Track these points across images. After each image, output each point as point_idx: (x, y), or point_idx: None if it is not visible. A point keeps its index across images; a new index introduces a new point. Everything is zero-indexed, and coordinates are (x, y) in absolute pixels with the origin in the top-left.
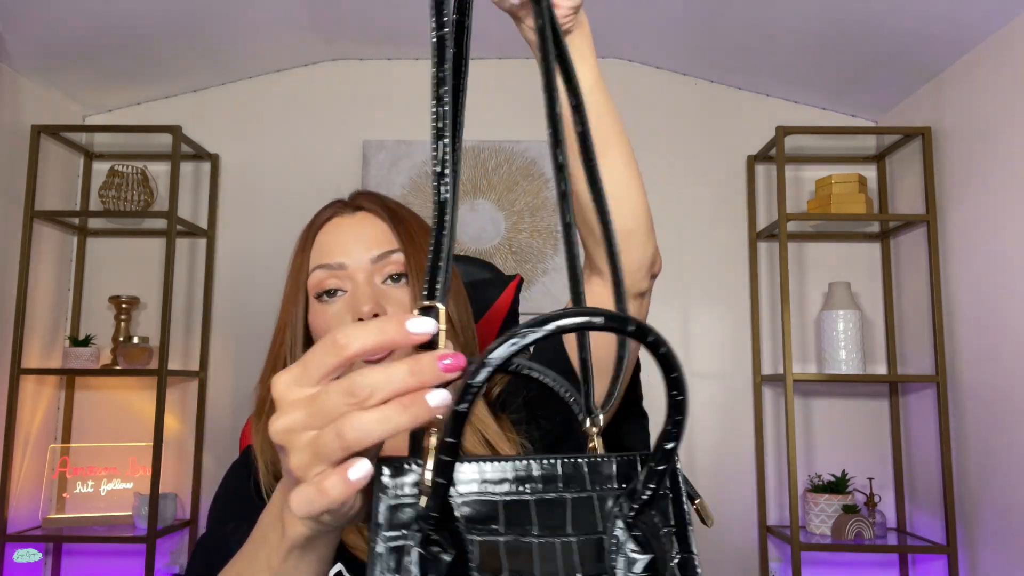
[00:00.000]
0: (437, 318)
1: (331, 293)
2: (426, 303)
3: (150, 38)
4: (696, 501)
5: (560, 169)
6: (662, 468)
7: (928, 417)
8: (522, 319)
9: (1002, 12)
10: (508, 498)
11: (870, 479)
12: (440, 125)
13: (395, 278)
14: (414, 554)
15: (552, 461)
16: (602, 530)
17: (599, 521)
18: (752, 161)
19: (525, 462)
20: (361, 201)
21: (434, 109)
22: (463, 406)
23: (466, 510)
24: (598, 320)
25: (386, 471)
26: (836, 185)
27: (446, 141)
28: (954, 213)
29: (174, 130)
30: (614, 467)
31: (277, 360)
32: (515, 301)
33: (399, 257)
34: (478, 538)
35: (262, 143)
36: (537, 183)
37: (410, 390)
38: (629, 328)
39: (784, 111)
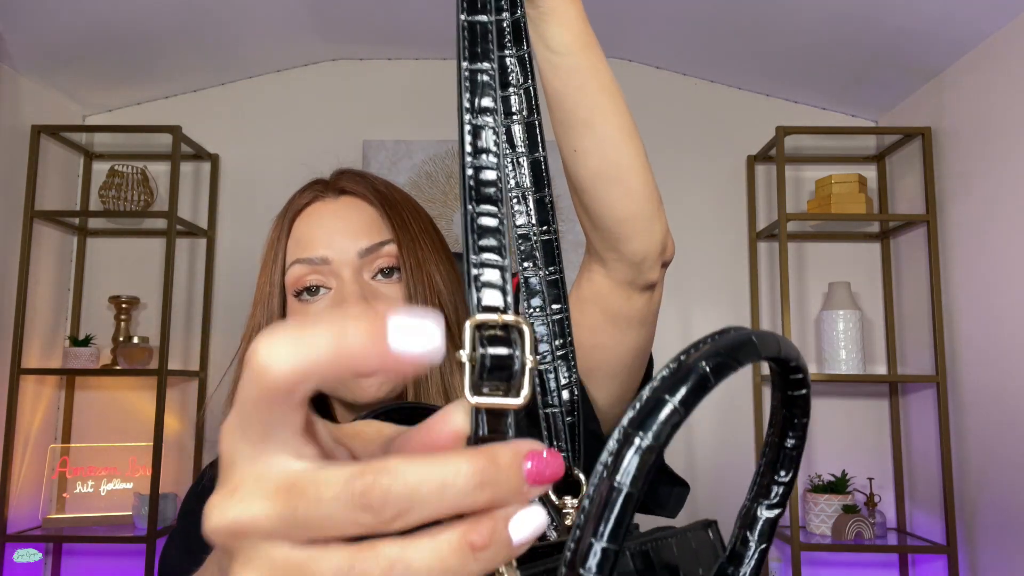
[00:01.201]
0: (520, 341)
1: (312, 291)
2: (507, 318)
3: (150, 38)
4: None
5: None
6: (765, 547)
7: (928, 417)
8: None
9: (1002, 12)
10: None
11: (870, 479)
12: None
13: (386, 272)
14: None
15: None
16: None
17: None
18: (752, 161)
19: None
20: (345, 183)
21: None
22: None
23: None
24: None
25: None
26: (836, 185)
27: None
28: (954, 213)
29: (174, 130)
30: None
31: None
32: (515, 300)
33: (391, 248)
34: None
35: (262, 143)
36: None
37: (475, 509)
38: (791, 363)
39: (784, 111)
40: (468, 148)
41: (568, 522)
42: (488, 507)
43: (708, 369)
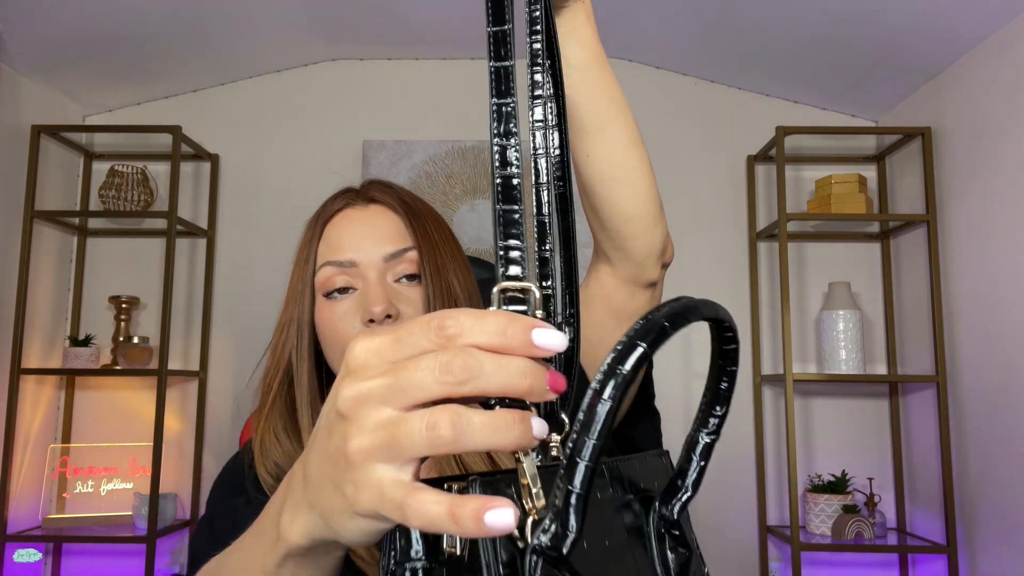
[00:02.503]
0: (532, 301)
1: (341, 290)
2: (523, 284)
3: (150, 38)
4: None
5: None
6: (704, 464)
7: (928, 417)
8: None
9: (1002, 12)
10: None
11: (870, 479)
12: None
13: (409, 277)
14: None
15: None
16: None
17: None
18: (752, 161)
19: None
20: (374, 193)
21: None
22: (590, 462)
23: None
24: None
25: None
26: (836, 185)
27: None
28: (954, 213)
29: (174, 130)
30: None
31: (280, 359)
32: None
33: (413, 255)
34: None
35: (262, 143)
36: None
37: (518, 394)
38: (725, 324)
39: (784, 111)
40: (497, 163)
41: (554, 453)
42: (526, 394)
43: (667, 323)
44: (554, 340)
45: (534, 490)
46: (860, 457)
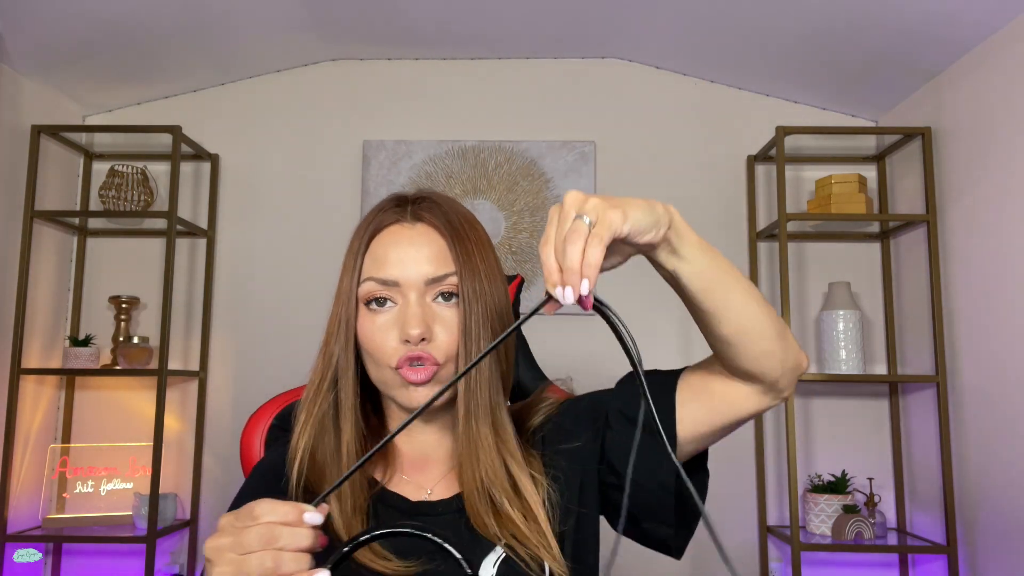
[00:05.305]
0: None
1: (379, 301)
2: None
3: (150, 38)
4: None
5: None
6: None
7: (928, 417)
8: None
9: (1002, 12)
10: None
11: (870, 479)
12: None
13: (447, 296)
14: None
15: None
16: None
17: None
18: (752, 161)
19: None
20: (424, 211)
21: None
22: None
23: None
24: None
25: None
26: (836, 185)
27: None
28: (954, 213)
29: (174, 130)
30: None
31: (331, 357)
32: (516, 301)
33: (453, 279)
34: None
35: (262, 143)
36: (537, 183)
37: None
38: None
39: (784, 111)
40: None
41: None
42: (308, 549)
43: None
44: (315, 519)
45: None
46: (860, 457)
